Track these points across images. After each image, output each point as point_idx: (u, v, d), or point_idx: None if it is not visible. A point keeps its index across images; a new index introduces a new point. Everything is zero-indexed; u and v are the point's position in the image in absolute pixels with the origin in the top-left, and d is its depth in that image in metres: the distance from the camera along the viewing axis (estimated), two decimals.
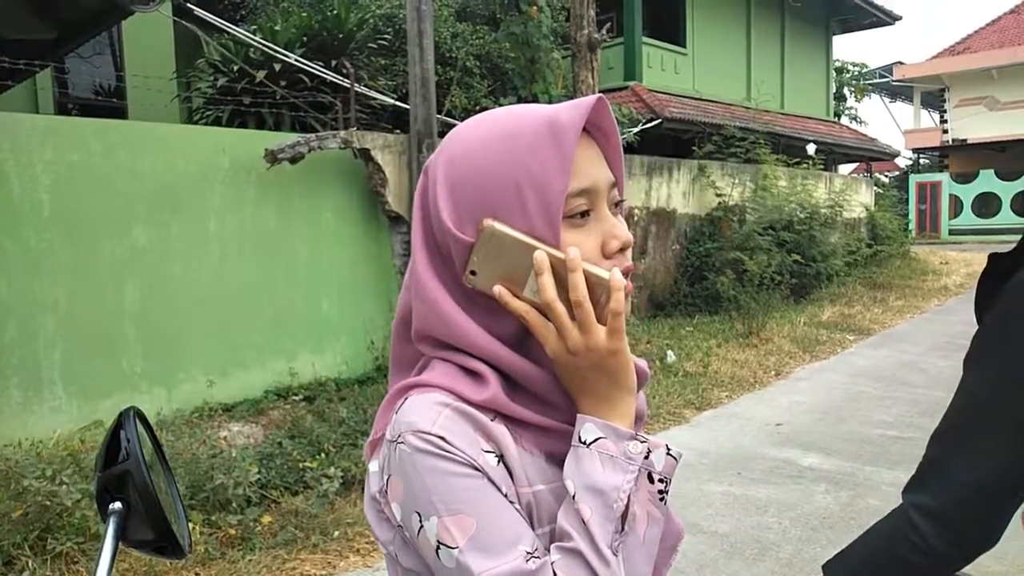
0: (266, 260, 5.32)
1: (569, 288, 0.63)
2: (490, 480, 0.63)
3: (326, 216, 5.69)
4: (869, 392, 5.97)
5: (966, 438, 1.06)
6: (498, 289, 0.65)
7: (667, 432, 4.97)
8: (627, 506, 0.64)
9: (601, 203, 0.69)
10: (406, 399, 0.67)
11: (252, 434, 4.42)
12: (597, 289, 0.64)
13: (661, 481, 0.66)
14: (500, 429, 0.65)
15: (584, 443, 0.65)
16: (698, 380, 6.08)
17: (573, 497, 0.64)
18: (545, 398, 0.68)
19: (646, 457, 0.66)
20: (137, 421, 0.84)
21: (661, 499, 0.67)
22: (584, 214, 0.68)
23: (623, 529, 0.64)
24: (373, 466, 0.70)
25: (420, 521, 0.62)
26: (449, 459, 0.62)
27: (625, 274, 0.68)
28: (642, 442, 0.66)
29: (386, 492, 0.66)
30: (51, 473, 3.16)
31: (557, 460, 0.68)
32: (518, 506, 0.64)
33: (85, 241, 4.48)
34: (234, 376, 5.07)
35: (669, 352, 6.68)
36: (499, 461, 0.64)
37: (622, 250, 0.69)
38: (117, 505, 0.79)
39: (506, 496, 0.64)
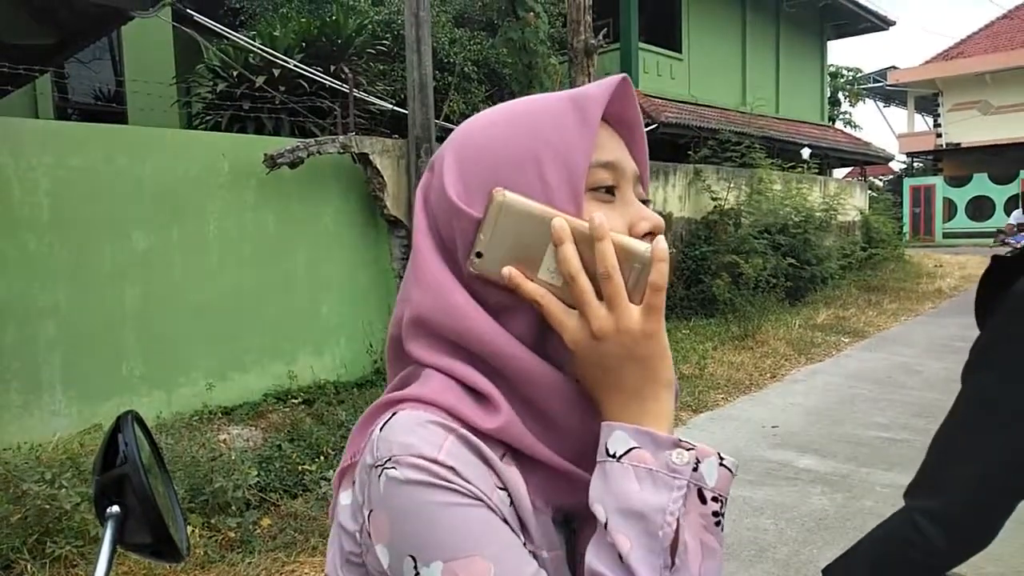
0: (265, 264, 5.35)
1: (596, 259, 0.52)
2: (503, 519, 0.51)
3: (325, 220, 5.71)
4: (864, 394, 6.00)
5: (969, 440, 1.07)
6: (507, 270, 0.54)
7: None
8: (676, 532, 0.49)
9: (627, 185, 0.60)
10: (394, 414, 0.53)
11: (251, 437, 4.44)
12: (627, 263, 0.53)
13: (716, 500, 0.51)
14: (512, 472, 0.54)
15: (613, 456, 0.52)
16: (694, 382, 6.11)
17: (605, 526, 0.50)
18: (553, 416, 0.56)
19: (695, 469, 0.51)
20: (135, 425, 0.85)
21: (717, 524, 0.51)
22: (609, 190, 0.59)
23: (673, 563, 0.49)
24: (345, 498, 0.56)
25: (415, 568, 0.49)
26: (456, 491, 0.50)
27: None
28: (688, 450, 0.51)
29: (368, 532, 0.52)
30: (50, 477, 3.17)
31: (562, 519, 0.57)
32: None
33: (85, 245, 4.49)
34: (233, 379, 5.09)
35: None
36: (511, 505, 0.53)
37: (652, 234, 0.59)
38: (115, 509, 0.79)
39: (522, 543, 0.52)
